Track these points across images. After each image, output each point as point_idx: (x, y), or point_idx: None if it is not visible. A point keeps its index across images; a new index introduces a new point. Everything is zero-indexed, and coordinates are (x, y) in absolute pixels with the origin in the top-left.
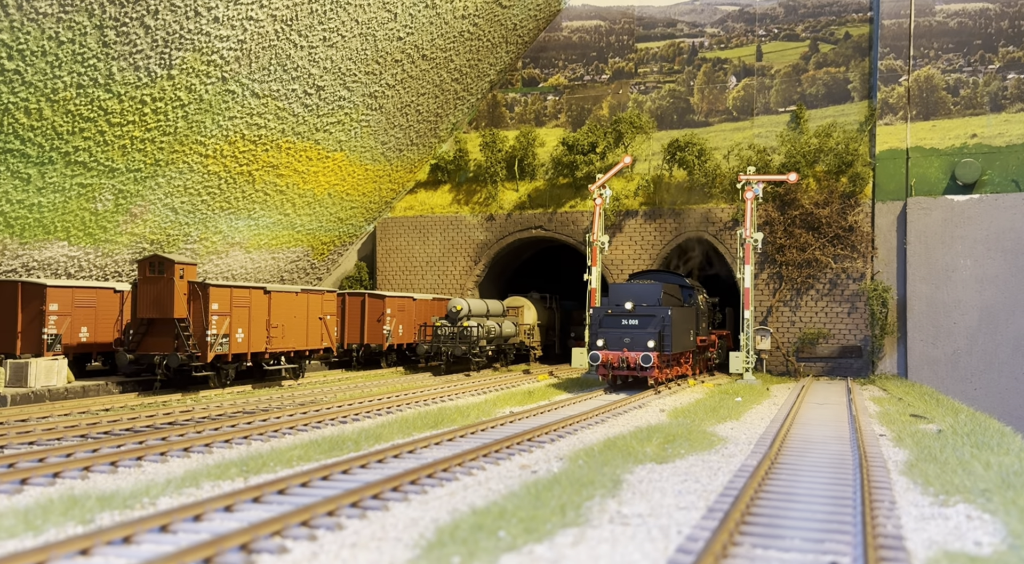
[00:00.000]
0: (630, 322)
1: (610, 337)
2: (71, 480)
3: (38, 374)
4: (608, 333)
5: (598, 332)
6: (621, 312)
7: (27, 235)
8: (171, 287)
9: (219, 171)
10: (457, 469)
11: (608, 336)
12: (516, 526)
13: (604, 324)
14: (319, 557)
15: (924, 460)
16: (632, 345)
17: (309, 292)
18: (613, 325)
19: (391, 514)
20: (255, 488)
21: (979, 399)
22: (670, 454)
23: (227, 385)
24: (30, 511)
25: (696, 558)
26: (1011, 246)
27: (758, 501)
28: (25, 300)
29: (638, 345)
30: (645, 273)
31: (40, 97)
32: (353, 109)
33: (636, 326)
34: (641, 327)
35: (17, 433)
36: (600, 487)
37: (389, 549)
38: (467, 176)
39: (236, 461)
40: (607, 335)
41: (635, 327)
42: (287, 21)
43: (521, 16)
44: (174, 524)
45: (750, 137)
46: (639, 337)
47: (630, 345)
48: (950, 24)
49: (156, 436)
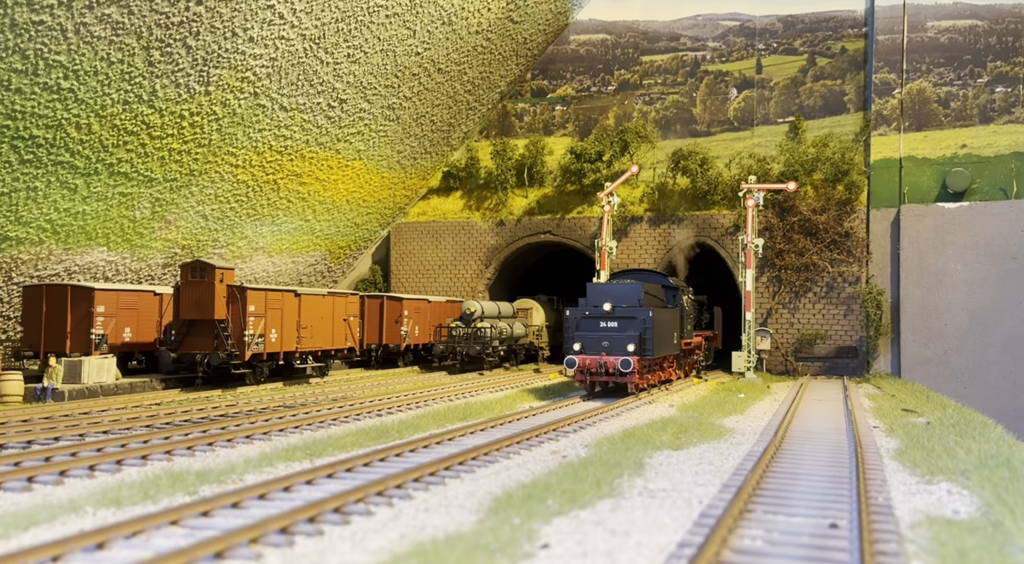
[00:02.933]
0: (609, 324)
1: (588, 340)
2: (159, 462)
3: (91, 371)
4: (586, 336)
5: (575, 335)
6: (599, 314)
7: (71, 241)
8: (212, 290)
9: (247, 180)
10: (496, 453)
11: (586, 339)
12: (560, 497)
13: (581, 327)
14: (400, 518)
15: (913, 447)
16: (611, 349)
17: (334, 295)
18: (591, 328)
19: (449, 488)
20: (326, 466)
21: (969, 397)
22: (684, 442)
23: (261, 382)
24: (142, 485)
25: (717, 520)
26: (999, 251)
27: (766, 479)
28: (74, 302)
29: (617, 349)
30: (626, 272)
31: (90, 113)
32: (372, 120)
33: (615, 329)
34: (621, 330)
35: (88, 423)
36: (626, 468)
37: (457, 513)
38: (478, 183)
39: (299, 446)
40: (584, 338)
41: (614, 330)
42: (315, 39)
43: (531, 31)
44: (270, 494)
45: (750, 146)
46: (618, 340)
47: (609, 349)
48: (941, 40)
49: (217, 426)
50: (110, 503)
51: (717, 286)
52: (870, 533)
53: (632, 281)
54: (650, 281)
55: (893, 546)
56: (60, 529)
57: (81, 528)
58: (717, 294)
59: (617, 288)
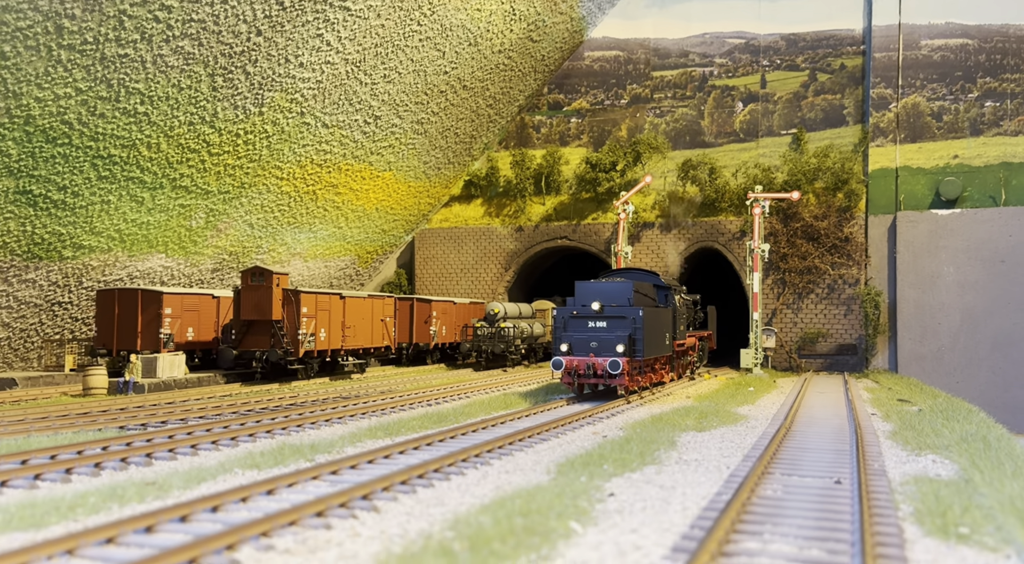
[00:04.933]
0: (597, 324)
1: (575, 341)
2: (265, 439)
3: (164, 367)
4: (573, 337)
5: (562, 336)
6: (588, 313)
7: (135, 249)
8: (270, 294)
9: (290, 191)
10: (546, 433)
11: (573, 340)
12: (613, 463)
13: (569, 327)
14: (488, 477)
15: (905, 429)
16: (599, 350)
17: (373, 297)
18: (579, 328)
19: (517, 458)
20: (409, 442)
21: (961, 391)
22: (706, 426)
23: (311, 377)
24: (271, 454)
25: (744, 478)
26: (989, 255)
27: (781, 451)
28: (144, 305)
29: (606, 350)
30: (617, 270)
31: (160, 134)
32: (403, 134)
33: (604, 329)
34: (609, 330)
35: (181, 411)
36: (662, 444)
37: (531, 474)
38: (497, 191)
39: (376, 427)
40: (572, 339)
41: (603, 330)
42: (356, 63)
43: (549, 48)
44: (376, 460)
45: (755, 157)
46: (607, 341)
47: (597, 350)
48: (934, 57)
49: (296, 412)
50: (251, 466)
51: (724, 288)
52: (867, 487)
53: (622, 279)
54: (641, 279)
55: (885, 495)
56: (222, 484)
57: (232, 486)
58: (723, 295)
59: (606, 286)
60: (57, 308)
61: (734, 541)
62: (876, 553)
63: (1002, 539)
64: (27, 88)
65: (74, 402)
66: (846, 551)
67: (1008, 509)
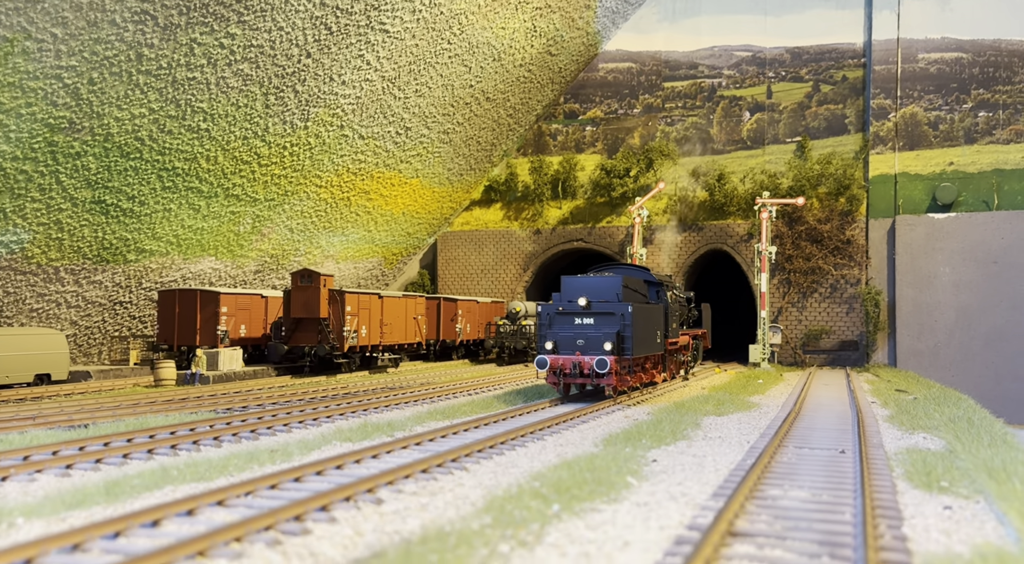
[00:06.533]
0: (584, 321)
1: (561, 339)
2: (341, 420)
3: (224, 360)
4: (559, 334)
5: (547, 333)
6: (574, 310)
7: (189, 252)
8: (317, 293)
9: (327, 198)
10: (586, 416)
11: (559, 338)
12: (650, 438)
13: (554, 324)
14: (546, 449)
15: (901, 414)
16: (586, 348)
17: (407, 297)
18: (565, 325)
19: (565, 436)
20: (467, 422)
21: (956, 384)
22: (724, 411)
23: (352, 371)
24: (357, 430)
25: (763, 449)
26: (982, 256)
27: (792, 430)
28: (203, 304)
29: (593, 348)
30: (608, 266)
31: (218, 148)
32: (430, 144)
33: (591, 326)
34: (597, 327)
35: (253, 398)
36: (688, 425)
37: (582, 446)
38: (516, 195)
39: (432, 411)
40: (557, 337)
41: (590, 327)
42: (391, 79)
43: (566, 61)
44: (448, 436)
45: (762, 163)
46: (594, 339)
47: (584, 348)
48: (931, 70)
49: (355, 399)
50: (345, 439)
51: (732, 288)
52: (867, 454)
53: (611, 274)
54: (631, 274)
55: (882, 461)
56: (329, 452)
57: (340, 452)
58: (731, 295)
59: (593, 281)
60: (119, 307)
61: (761, 489)
62: (873, 498)
63: (974, 490)
64: (109, 109)
65: (153, 392)
66: (849, 497)
67: (981, 470)
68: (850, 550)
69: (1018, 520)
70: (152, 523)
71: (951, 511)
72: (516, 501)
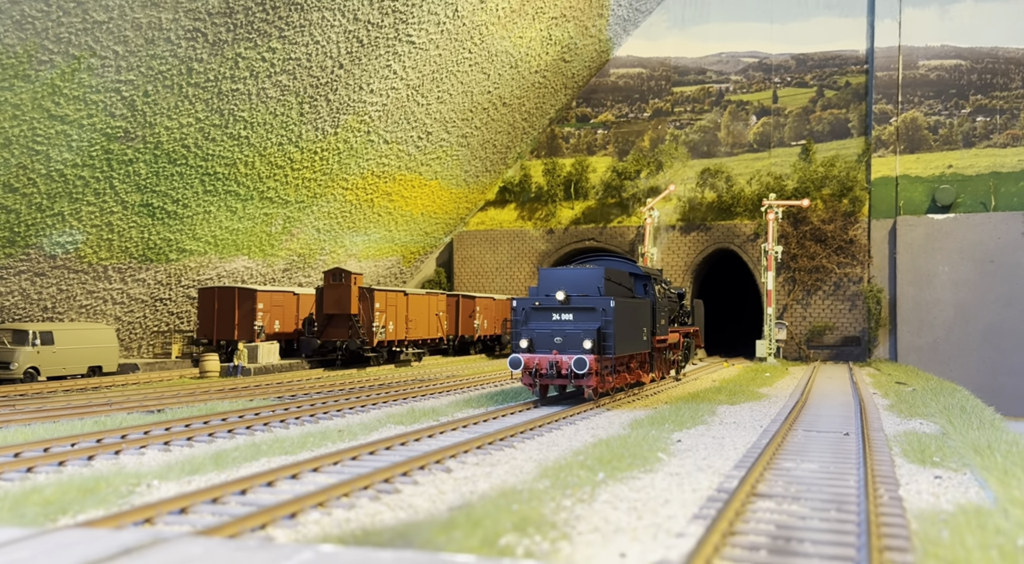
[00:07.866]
0: (563, 317)
1: (537, 336)
2: (387, 407)
3: (263, 354)
4: (535, 331)
5: (522, 330)
6: (551, 304)
7: (225, 252)
8: (348, 291)
9: (352, 199)
10: (609, 404)
11: (535, 335)
12: (672, 423)
13: (530, 320)
14: (580, 431)
15: (900, 403)
16: (564, 346)
17: (430, 294)
18: (541, 321)
19: (593, 420)
20: (501, 410)
21: (954, 378)
22: (736, 400)
23: (380, 364)
24: (405, 415)
25: (775, 432)
26: (980, 256)
27: (800, 416)
28: (240, 300)
29: (572, 346)
30: (590, 257)
31: (256, 154)
32: (449, 147)
33: (570, 322)
34: (576, 323)
35: (298, 388)
36: (705, 412)
37: (612, 429)
38: (530, 196)
39: (467, 400)
40: (533, 334)
41: (568, 323)
42: (415, 87)
43: (578, 67)
44: (488, 420)
45: (768, 166)
46: (573, 336)
47: (561, 346)
48: (931, 76)
49: (393, 390)
50: (398, 423)
51: (738, 285)
52: (869, 436)
53: (593, 266)
54: (615, 266)
55: (882, 442)
56: (387, 433)
57: (397, 433)
58: (738, 292)
59: (573, 274)
60: (159, 304)
61: (776, 463)
62: (874, 469)
63: (963, 464)
64: (160, 119)
65: (203, 382)
66: (853, 469)
67: (970, 448)
68: (854, 505)
69: (997, 485)
70: (267, 484)
71: (941, 480)
72: (566, 470)
